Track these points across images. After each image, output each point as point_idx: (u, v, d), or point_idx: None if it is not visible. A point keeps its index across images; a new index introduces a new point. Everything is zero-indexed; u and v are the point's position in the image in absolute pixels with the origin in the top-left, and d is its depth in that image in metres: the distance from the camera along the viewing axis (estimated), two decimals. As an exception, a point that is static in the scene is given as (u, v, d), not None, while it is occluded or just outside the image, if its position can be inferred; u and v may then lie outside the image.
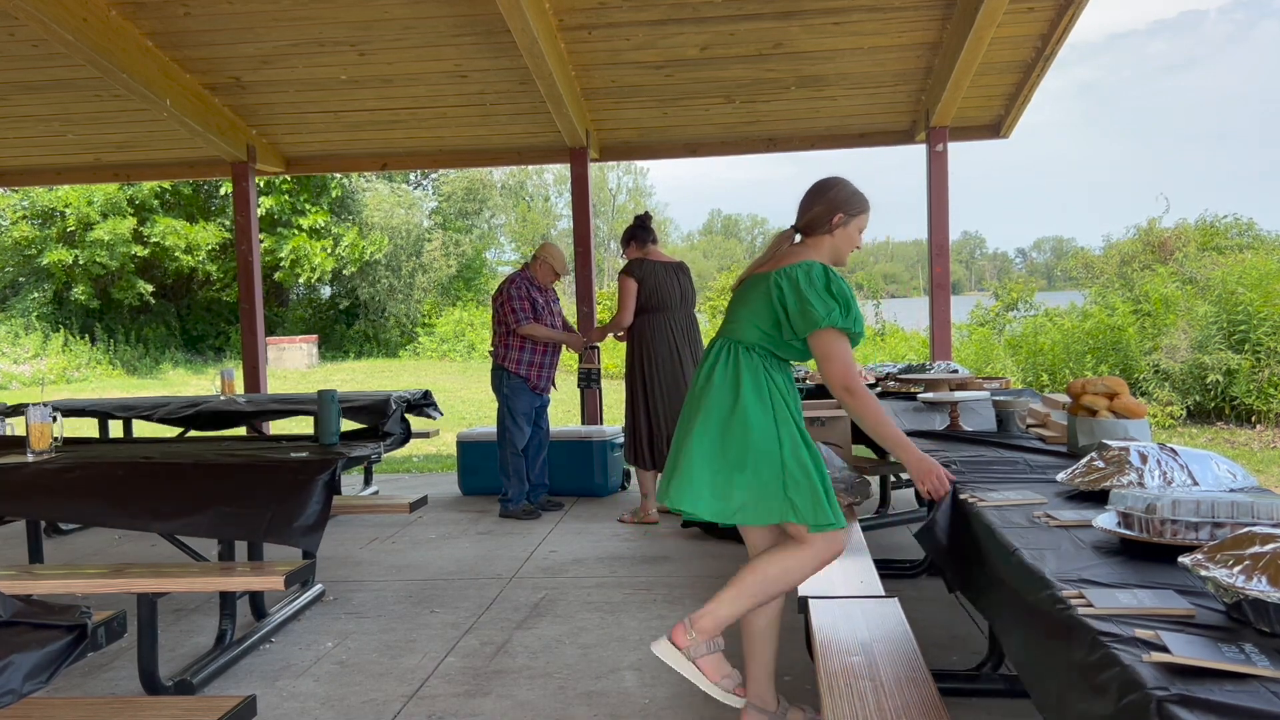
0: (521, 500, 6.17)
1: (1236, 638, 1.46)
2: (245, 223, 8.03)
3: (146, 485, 3.69)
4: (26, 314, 21.91)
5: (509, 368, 6.07)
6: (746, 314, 2.80)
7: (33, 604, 2.02)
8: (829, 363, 2.68)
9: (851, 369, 2.68)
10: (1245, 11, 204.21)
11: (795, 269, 2.72)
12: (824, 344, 2.68)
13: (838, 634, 2.73)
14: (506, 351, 6.08)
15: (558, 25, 6.30)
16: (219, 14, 6.19)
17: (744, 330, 2.79)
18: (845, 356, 2.68)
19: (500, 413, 6.15)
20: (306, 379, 18.70)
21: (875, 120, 7.65)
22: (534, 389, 6.12)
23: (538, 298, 6.11)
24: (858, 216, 2.84)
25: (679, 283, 5.85)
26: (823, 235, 2.83)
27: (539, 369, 6.11)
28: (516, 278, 6.15)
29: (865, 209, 2.86)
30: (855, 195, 2.85)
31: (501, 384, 6.11)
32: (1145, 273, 13.52)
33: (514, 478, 6.15)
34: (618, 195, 43.14)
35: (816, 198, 2.85)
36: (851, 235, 2.85)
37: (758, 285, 2.79)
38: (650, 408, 5.81)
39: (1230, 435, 9.32)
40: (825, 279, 2.69)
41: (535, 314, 6.06)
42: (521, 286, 6.09)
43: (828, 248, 2.83)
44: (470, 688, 3.43)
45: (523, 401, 6.11)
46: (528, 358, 6.07)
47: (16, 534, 5.64)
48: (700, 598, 4.31)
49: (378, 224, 24.52)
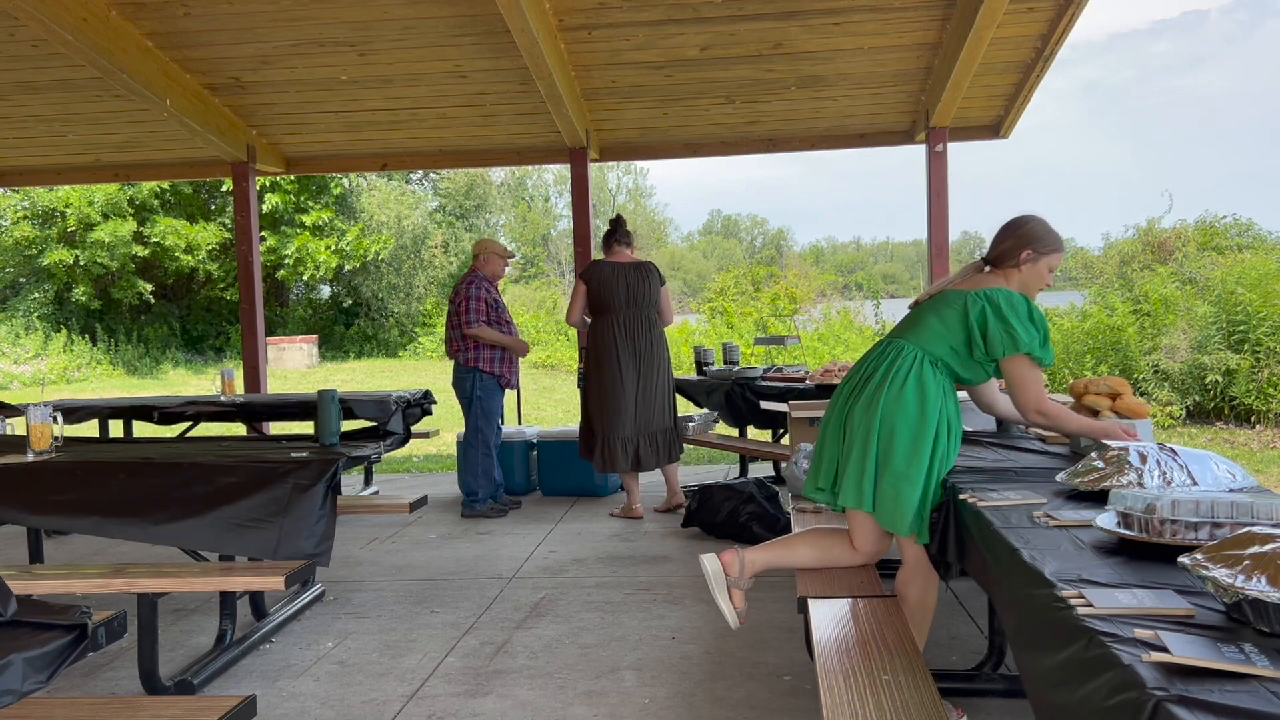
0: (488, 500, 6.20)
1: (1236, 638, 1.46)
2: (245, 223, 8.03)
3: (149, 499, 3.67)
4: (27, 314, 21.93)
5: (481, 368, 6.09)
6: (939, 325, 2.89)
7: (33, 604, 2.02)
8: (1025, 388, 2.85)
9: (1043, 394, 2.86)
10: (1247, 11, 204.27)
11: (997, 293, 2.85)
12: (1020, 369, 2.84)
13: (838, 634, 2.73)
14: (477, 352, 6.09)
15: (558, 25, 6.30)
16: (219, 14, 6.19)
17: (933, 342, 2.89)
18: (1037, 381, 2.85)
19: (473, 414, 6.17)
20: (306, 379, 18.71)
21: (875, 120, 7.65)
22: (504, 386, 6.17)
23: (497, 297, 6.19)
24: (1049, 255, 2.92)
25: (627, 284, 5.80)
26: (1011, 269, 2.93)
27: (509, 364, 6.17)
28: (474, 279, 6.17)
29: (1058, 249, 2.93)
30: (1048, 234, 2.93)
31: (474, 385, 6.12)
32: (1145, 273, 13.52)
33: (484, 477, 6.19)
34: (618, 195, 43.14)
35: (1009, 233, 2.95)
36: (1041, 272, 2.93)
37: (951, 301, 2.89)
38: (589, 406, 5.94)
39: (1230, 435, 9.32)
40: (1028, 307, 2.84)
41: (497, 314, 6.11)
42: (480, 287, 6.12)
43: (1015, 282, 2.93)
44: (470, 688, 3.43)
45: (495, 401, 6.15)
46: (498, 354, 6.11)
47: (16, 534, 5.65)
48: (700, 598, 4.32)
49: (382, 223, 24.53)
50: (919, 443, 2.81)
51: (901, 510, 2.82)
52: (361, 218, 24.55)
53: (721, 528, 5.39)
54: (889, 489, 2.83)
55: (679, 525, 5.71)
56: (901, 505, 2.82)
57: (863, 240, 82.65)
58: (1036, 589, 1.82)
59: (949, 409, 2.87)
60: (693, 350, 7.45)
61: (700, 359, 7.20)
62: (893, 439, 2.82)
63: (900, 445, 2.82)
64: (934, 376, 2.86)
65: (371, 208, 24.80)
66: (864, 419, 2.88)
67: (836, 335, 17.62)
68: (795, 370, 6.50)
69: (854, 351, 16.10)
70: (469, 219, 28.23)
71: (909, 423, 2.82)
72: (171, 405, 6.08)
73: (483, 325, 6.04)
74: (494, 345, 6.10)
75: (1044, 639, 1.70)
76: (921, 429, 2.82)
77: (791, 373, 6.29)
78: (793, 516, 3.91)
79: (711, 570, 3.04)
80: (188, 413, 6.00)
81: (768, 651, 3.67)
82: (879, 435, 2.85)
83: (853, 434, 2.90)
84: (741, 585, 3.02)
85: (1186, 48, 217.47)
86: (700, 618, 4.08)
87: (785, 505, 5.30)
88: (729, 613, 3.00)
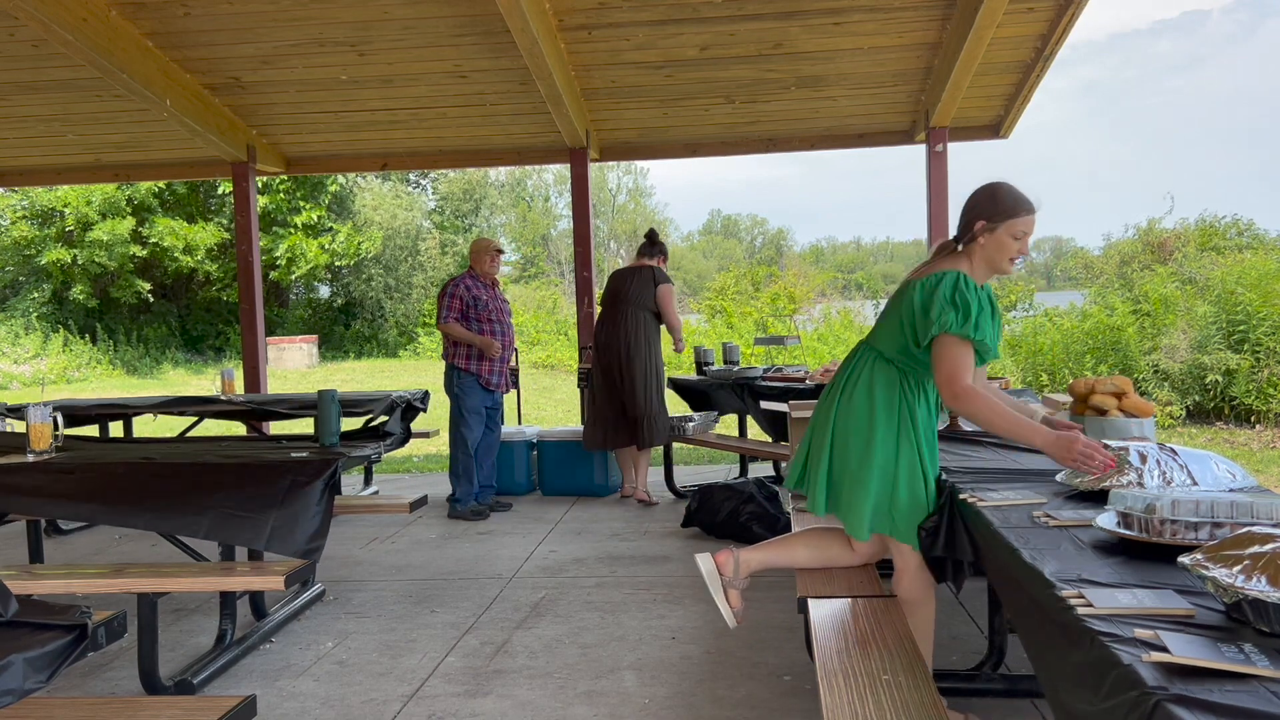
0: (470, 501, 6.20)
1: (1236, 638, 1.46)
2: (245, 223, 8.03)
3: (146, 486, 3.68)
4: (26, 314, 21.92)
5: (459, 365, 6.11)
6: (887, 323, 2.84)
7: (33, 604, 2.02)
8: (936, 366, 2.67)
9: (957, 373, 2.62)
10: (1248, 11, 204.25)
11: (931, 277, 2.72)
12: (936, 349, 2.67)
13: (838, 634, 2.73)
14: (455, 349, 6.13)
15: (558, 25, 6.30)
16: (219, 14, 6.19)
17: (885, 340, 2.84)
18: (952, 360, 2.63)
19: (452, 412, 6.19)
20: (306, 379, 18.71)
21: (875, 120, 7.65)
22: (486, 386, 6.16)
23: (481, 295, 6.15)
24: (1005, 222, 2.69)
25: (613, 286, 6.38)
26: (972, 245, 2.76)
27: (490, 364, 6.15)
28: (462, 277, 6.22)
29: (1015, 213, 2.70)
30: (1000, 199, 2.72)
31: (453, 383, 6.16)
32: (1145, 273, 13.53)
33: (464, 478, 6.20)
34: (618, 195, 43.13)
35: (966, 207, 2.80)
36: (1003, 241, 2.71)
37: (901, 293, 2.82)
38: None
39: (1230, 435, 9.32)
40: (953, 287, 2.65)
41: (477, 312, 6.10)
42: (460, 285, 6.15)
43: (979, 257, 2.76)
44: (470, 687, 3.43)
45: (473, 399, 6.14)
46: (474, 352, 6.12)
47: (16, 534, 5.65)
48: (700, 598, 4.32)
49: (375, 222, 24.52)
50: (869, 446, 2.78)
51: (854, 514, 2.82)
52: (356, 218, 24.54)
53: (721, 528, 5.39)
54: (845, 493, 2.84)
55: (679, 525, 5.71)
56: (854, 509, 2.81)
57: (863, 240, 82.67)
58: (1039, 590, 1.82)
59: (909, 407, 2.79)
60: (693, 350, 7.44)
61: (700, 359, 7.20)
62: (846, 443, 2.82)
63: (853, 449, 2.81)
64: (887, 376, 2.80)
65: (366, 210, 24.79)
66: (821, 426, 2.91)
67: (836, 335, 17.63)
68: (795, 370, 6.50)
69: (854, 351, 16.07)
70: (468, 219, 28.21)
71: (859, 426, 2.80)
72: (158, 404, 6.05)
73: (452, 322, 6.07)
74: (464, 343, 6.13)
75: (1054, 640, 1.70)
76: (871, 432, 2.78)
77: (791, 373, 6.29)
78: (792, 516, 3.91)
79: (706, 570, 3.04)
80: (188, 411, 5.99)
81: (768, 651, 3.67)
82: (832, 442, 2.86)
83: (816, 441, 2.93)
84: (737, 585, 3.01)
85: (1187, 48, 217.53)
86: (700, 618, 4.08)
87: (785, 505, 5.30)
88: (726, 612, 3.00)
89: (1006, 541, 2.10)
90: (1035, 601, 1.82)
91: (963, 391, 2.61)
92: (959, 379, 2.61)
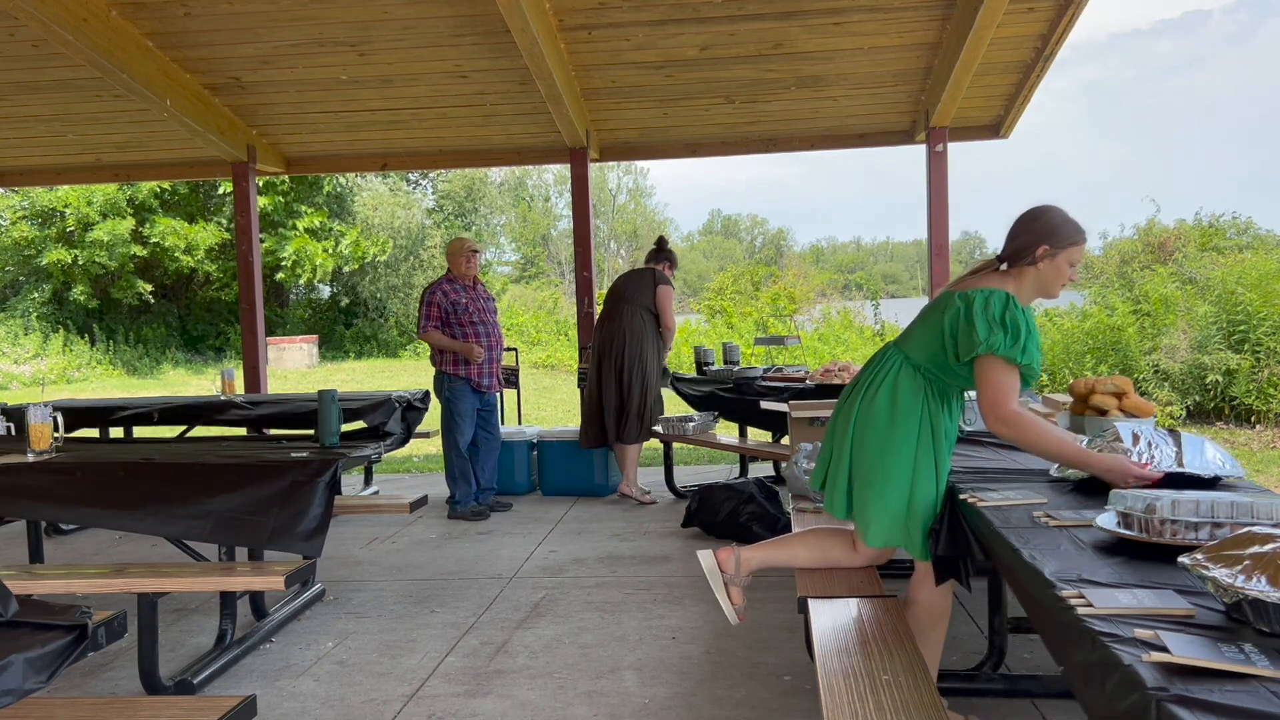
0: (469, 502, 6.21)
1: (1236, 638, 1.46)
2: (245, 223, 8.03)
3: (146, 488, 3.69)
4: (26, 314, 21.92)
5: (447, 370, 6.12)
6: (923, 331, 2.80)
7: (33, 604, 2.02)
8: (981, 388, 2.62)
9: (1003, 396, 2.58)
10: (1248, 11, 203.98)
11: (976, 293, 2.66)
12: (979, 370, 2.63)
13: (838, 634, 2.73)
14: (442, 355, 6.13)
15: (558, 25, 6.30)
16: (219, 14, 6.19)
17: (916, 348, 2.81)
18: (997, 383, 2.59)
19: (443, 416, 6.19)
20: (306, 379, 18.70)
21: (875, 120, 7.65)
22: (477, 388, 6.17)
23: (459, 298, 6.12)
24: (1067, 249, 2.68)
25: (616, 286, 6.47)
26: (1028, 268, 2.71)
27: (478, 367, 6.15)
28: (438, 283, 6.19)
29: (1077, 240, 2.69)
30: (1064, 225, 2.70)
31: (443, 387, 6.16)
32: (1145, 273, 13.52)
33: (460, 480, 6.21)
34: (618, 195, 43.13)
35: (1023, 228, 2.73)
36: (1060, 268, 2.70)
37: (941, 304, 2.77)
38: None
39: (1230, 435, 9.32)
40: (1003, 307, 2.61)
41: (457, 316, 6.08)
42: (437, 293, 6.13)
43: (1030, 280, 2.71)
44: (470, 687, 3.43)
45: (464, 403, 6.15)
46: (461, 357, 6.11)
47: (16, 534, 5.65)
48: (700, 598, 4.32)
49: (378, 224, 24.51)
50: (885, 452, 2.77)
51: (866, 519, 2.82)
52: (357, 219, 24.53)
53: (722, 528, 5.39)
54: (859, 498, 2.84)
55: (679, 525, 5.71)
56: (865, 514, 2.82)
57: (863, 240, 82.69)
58: (1040, 590, 1.82)
59: (932, 417, 2.76)
60: (693, 350, 7.45)
61: (700, 359, 7.20)
62: (863, 447, 2.81)
63: (869, 454, 2.80)
64: (913, 384, 2.77)
65: (366, 210, 24.78)
66: (842, 427, 2.90)
67: (836, 335, 17.63)
68: (795, 370, 6.51)
69: (854, 351, 16.11)
70: (468, 219, 28.20)
71: (877, 431, 2.79)
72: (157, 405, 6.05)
73: (431, 331, 6.09)
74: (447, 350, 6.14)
75: (1060, 641, 1.70)
76: (890, 438, 2.76)
77: (791, 373, 6.29)
78: (793, 516, 3.91)
79: (707, 567, 3.05)
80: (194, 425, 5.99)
81: (768, 651, 3.67)
82: (852, 444, 2.85)
83: (837, 442, 2.92)
84: (738, 582, 3.02)
85: (1188, 48, 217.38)
86: (700, 618, 4.08)
87: (785, 505, 5.30)
88: (728, 609, 3.01)
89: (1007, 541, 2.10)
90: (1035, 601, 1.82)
91: (1009, 415, 2.58)
92: (1005, 403, 2.59)
